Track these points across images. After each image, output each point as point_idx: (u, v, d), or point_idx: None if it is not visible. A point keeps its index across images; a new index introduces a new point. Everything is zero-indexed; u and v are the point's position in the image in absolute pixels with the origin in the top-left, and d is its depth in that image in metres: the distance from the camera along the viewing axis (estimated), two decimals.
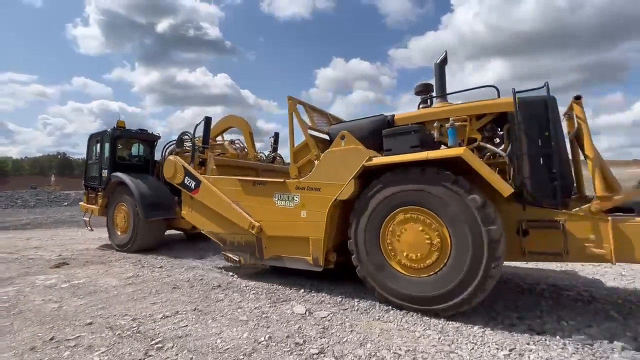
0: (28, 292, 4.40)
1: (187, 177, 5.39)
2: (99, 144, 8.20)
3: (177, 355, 2.59)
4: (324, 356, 2.53)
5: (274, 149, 8.46)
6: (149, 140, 8.64)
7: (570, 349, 2.56)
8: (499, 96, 3.73)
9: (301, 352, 2.59)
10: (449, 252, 3.11)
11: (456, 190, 3.07)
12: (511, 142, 3.42)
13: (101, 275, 5.14)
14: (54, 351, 2.72)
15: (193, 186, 5.27)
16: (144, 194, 6.99)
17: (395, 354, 2.53)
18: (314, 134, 4.48)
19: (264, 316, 3.31)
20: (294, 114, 4.30)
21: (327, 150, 4.02)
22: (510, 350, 2.53)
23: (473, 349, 2.58)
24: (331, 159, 3.92)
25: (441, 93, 4.00)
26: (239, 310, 3.49)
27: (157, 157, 8.55)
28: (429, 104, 4.22)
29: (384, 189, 3.46)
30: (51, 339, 2.93)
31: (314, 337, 2.83)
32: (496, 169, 3.45)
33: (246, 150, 7.81)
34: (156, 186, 7.38)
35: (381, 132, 3.81)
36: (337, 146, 3.91)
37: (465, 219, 3.02)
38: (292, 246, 4.23)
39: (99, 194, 8.02)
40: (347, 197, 3.69)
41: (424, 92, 4.28)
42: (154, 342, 2.79)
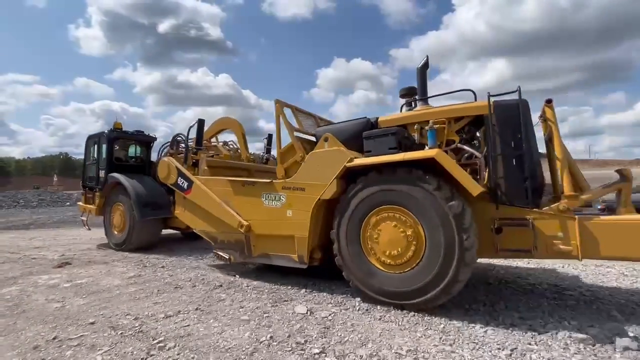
0: (31, 291, 4.42)
1: (180, 177, 5.48)
2: (96, 145, 8.26)
3: (179, 354, 2.59)
4: (326, 356, 2.54)
5: (267, 150, 8.56)
6: (145, 141, 8.72)
7: (572, 349, 2.55)
8: (476, 99, 3.85)
9: (302, 352, 2.59)
10: (424, 247, 3.23)
11: (426, 187, 3.20)
12: (487, 143, 3.52)
13: (103, 275, 5.16)
14: (57, 350, 2.73)
15: (186, 186, 5.37)
16: (139, 194, 7.06)
17: (396, 353, 2.53)
18: (300, 135, 4.58)
19: (265, 316, 3.32)
20: (280, 116, 4.42)
21: (312, 151, 4.13)
22: (512, 350, 2.52)
23: (474, 348, 2.58)
24: (315, 160, 4.03)
25: (422, 96, 4.12)
26: (240, 310, 3.50)
27: (154, 157, 8.59)
28: (412, 106, 4.32)
29: (363, 189, 3.58)
30: (54, 338, 2.95)
31: (315, 337, 2.83)
32: (467, 170, 3.53)
33: (239, 151, 7.92)
34: (152, 186, 7.43)
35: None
36: (321, 148, 4.04)
37: (436, 212, 3.14)
38: (278, 244, 4.36)
39: (97, 194, 8.09)
40: (329, 196, 3.80)
41: (408, 95, 4.40)
42: (156, 341, 2.80)
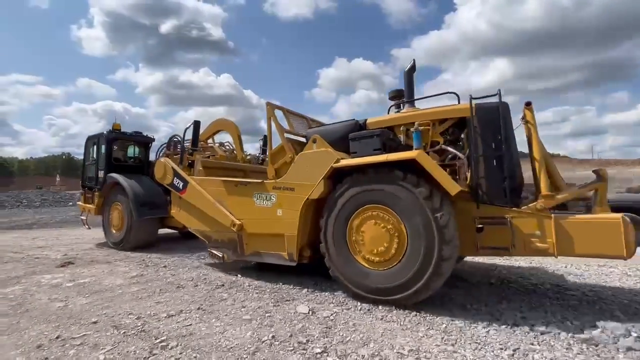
0: (34, 291, 4.44)
1: (175, 178, 5.58)
2: (95, 146, 8.34)
3: (181, 353, 2.60)
4: (327, 355, 2.54)
5: (263, 151, 8.58)
6: (143, 142, 8.81)
7: (575, 349, 2.54)
8: (459, 102, 3.93)
9: (304, 351, 2.59)
10: (406, 243, 3.33)
11: (406, 186, 3.31)
12: (469, 145, 3.58)
13: (106, 275, 5.18)
14: (60, 349, 2.74)
15: (181, 187, 5.46)
16: (137, 193, 7.13)
17: (398, 353, 2.53)
18: (291, 137, 4.67)
19: (267, 315, 3.32)
20: (272, 118, 4.51)
21: (301, 152, 4.22)
22: (514, 351, 2.52)
23: (476, 348, 2.57)
24: (304, 161, 4.13)
25: (409, 99, 4.22)
26: (242, 310, 3.50)
27: (152, 158, 8.64)
28: (401, 108, 4.38)
29: (349, 189, 3.68)
30: (57, 337, 2.96)
31: (317, 337, 2.83)
32: (447, 170, 3.59)
33: (235, 152, 7.94)
34: (149, 186, 7.49)
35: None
36: (310, 149, 4.12)
37: (415, 209, 3.25)
38: (269, 243, 4.47)
39: (96, 194, 8.15)
40: (317, 196, 3.91)
41: (397, 97, 4.48)
42: (158, 340, 2.81)
